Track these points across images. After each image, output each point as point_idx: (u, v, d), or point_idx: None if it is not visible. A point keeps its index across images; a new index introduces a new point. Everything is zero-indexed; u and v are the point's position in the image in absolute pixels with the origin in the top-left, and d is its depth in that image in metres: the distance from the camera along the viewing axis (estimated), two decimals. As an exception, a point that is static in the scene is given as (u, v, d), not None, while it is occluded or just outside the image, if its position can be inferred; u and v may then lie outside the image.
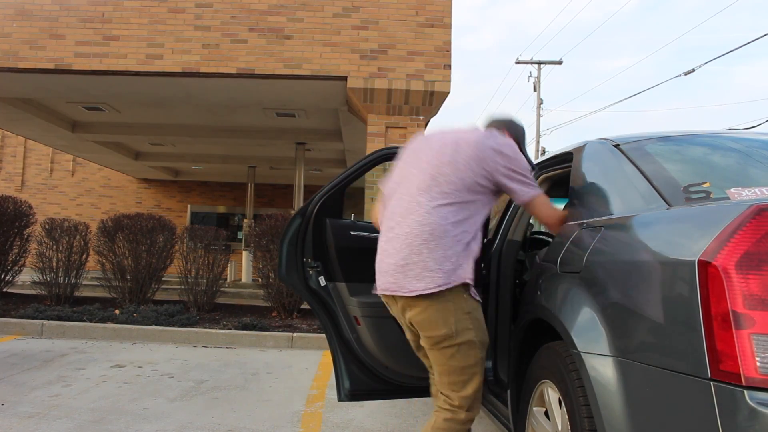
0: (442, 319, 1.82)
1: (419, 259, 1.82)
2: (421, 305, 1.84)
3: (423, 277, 1.81)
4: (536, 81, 22.72)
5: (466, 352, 1.85)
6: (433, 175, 1.90)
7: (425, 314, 1.84)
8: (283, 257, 2.52)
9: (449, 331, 1.82)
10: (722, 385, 1.09)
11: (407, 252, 1.84)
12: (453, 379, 1.87)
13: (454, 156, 1.90)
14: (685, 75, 12.98)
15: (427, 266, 1.81)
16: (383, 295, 2.00)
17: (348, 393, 2.55)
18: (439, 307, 1.82)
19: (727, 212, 1.22)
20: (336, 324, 2.56)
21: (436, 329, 1.83)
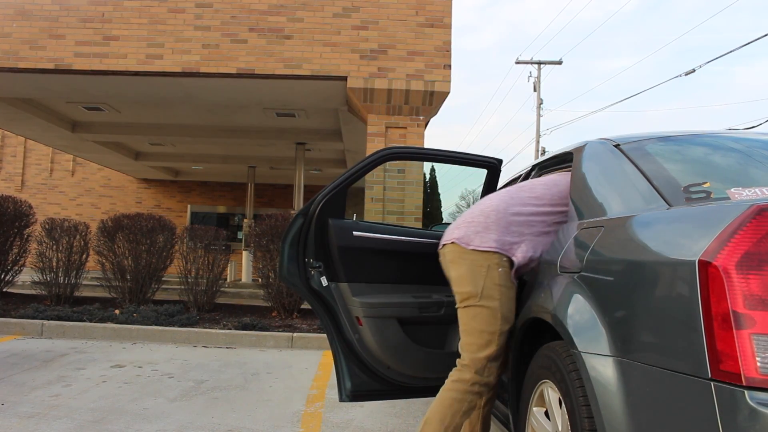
0: (469, 277, 2.02)
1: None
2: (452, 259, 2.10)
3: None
4: (536, 81, 22.72)
5: (487, 317, 2.00)
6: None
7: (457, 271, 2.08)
8: (285, 257, 2.52)
9: (473, 290, 2.00)
10: (723, 385, 1.09)
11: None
12: (470, 340, 2.02)
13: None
14: (685, 75, 12.99)
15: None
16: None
17: (349, 393, 2.55)
18: (473, 268, 2.02)
19: (727, 212, 1.22)
20: (337, 324, 2.56)
21: (463, 284, 2.03)
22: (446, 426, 1.98)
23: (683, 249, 1.26)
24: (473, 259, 2.04)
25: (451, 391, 2.01)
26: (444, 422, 1.98)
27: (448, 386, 2.03)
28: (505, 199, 2.15)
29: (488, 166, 2.94)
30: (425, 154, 2.95)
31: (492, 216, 2.10)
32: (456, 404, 2.00)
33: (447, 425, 1.98)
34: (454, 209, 33.99)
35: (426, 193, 19.88)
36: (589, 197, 1.95)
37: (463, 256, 2.06)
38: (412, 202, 6.48)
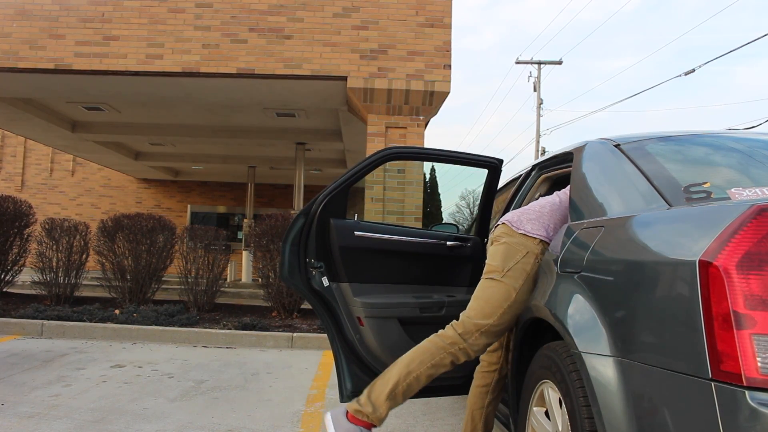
0: (503, 254, 2.02)
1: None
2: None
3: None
4: (536, 81, 22.73)
5: (500, 293, 1.98)
6: None
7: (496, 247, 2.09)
8: (286, 257, 2.51)
9: (500, 266, 2.00)
10: (723, 385, 1.09)
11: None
12: (473, 305, 2.02)
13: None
14: (685, 75, 12.99)
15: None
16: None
17: (350, 394, 2.55)
18: (510, 248, 2.02)
19: (727, 212, 1.22)
20: (338, 325, 2.56)
21: (495, 258, 2.04)
22: (410, 371, 1.99)
23: (684, 249, 1.26)
24: (517, 241, 2.03)
25: (429, 342, 2.03)
26: (409, 366, 2.00)
27: (431, 338, 2.04)
28: (563, 198, 2.19)
29: (489, 166, 2.94)
30: (425, 154, 2.95)
31: (547, 207, 2.12)
32: (427, 354, 2.00)
33: (411, 370, 1.99)
34: (454, 209, 33.99)
35: (426, 193, 19.88)
36: (589, 197, 1.95)
37: (508, 237, 2.06)
38: (412, 202, 6.48)
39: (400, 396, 2.00)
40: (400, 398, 2.00)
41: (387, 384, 2.00)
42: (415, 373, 1.99)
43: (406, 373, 1.99)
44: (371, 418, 1.99)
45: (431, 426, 3.20)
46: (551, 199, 2.19)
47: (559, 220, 2.11)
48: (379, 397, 2.00)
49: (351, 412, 2.02)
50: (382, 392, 2.00)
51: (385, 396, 1.99)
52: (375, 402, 2.00)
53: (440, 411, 3.50)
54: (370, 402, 2.00)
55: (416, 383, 2.00)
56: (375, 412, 1.99)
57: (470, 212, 33.32)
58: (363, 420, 2.00)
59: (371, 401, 2.01)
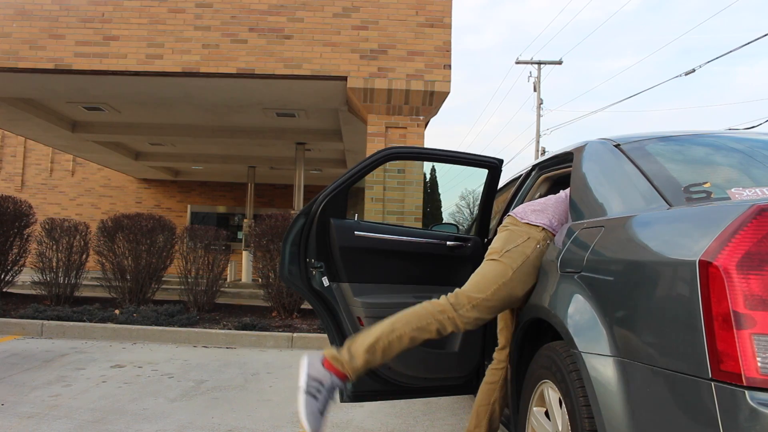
0: (505, 238, 2.08)
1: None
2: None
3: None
4: (536, 81, 22.73)
5: (497, 271, 2.01)
6: None
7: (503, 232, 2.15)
8: (286, 257, 2.51)
9: (500, 247, 2.05)
10: (723, 385, 1.09)
11: None
12: (471, 279, 2.05)
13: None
14: (685, 75, 12.99)
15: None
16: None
17: (350, 394, 2.55)
18: (514, 234, 2.08)
19: (727, 212, 1.22)
20: (338, 325, 2.56)
21: (496, 242, 2.10)
22: (394, 329, 1.98)
23: (684, 249, 1.26)
24: (520, 228, 2.09)
25: (420, 306, 2.03)
26: (394, 324, 1.99)
27: (422, 303, 2.05)
28: (568, 194, 2.24)
29: (489, 166, 2.94)
30: (426, 154, 2.95)
31: (551, 200, 2.19)
32: (414, 316, 1.99)
33: (395, 328, 1.98)
34: (454, 209, 33.97)
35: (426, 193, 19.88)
36: (589, 197, 1.95)
37: (513, 226, 2.12)
38: (412, 202, 6.48)
39: (379, 352, 1.96)
40: (379, 355, 1.96)
41: (368, 337, 1.97)
42: (398, 331, 1.97)
43: (390, 330, 1.97)
44: (346, 368, 1.95)
45: (431, 426, 3.20)
46: (557, 195, 2.25)
47: (564, 213, 2.15)
48: (358, 348, 1.96)
49: (327, 358, 1.97)
50: (362, 344, 1.97)
51: (365, 348, 1.95)
52: (353, 352, 1.96)
53: (440, 411, 3.50)
54: (349, 352, 1.97)
55: (398, 342, 1.97)
56: (351, 362, 1.95)
57: (470, 212, 33.34)
58: (337, 368, 1.96)
59: (350, 351, 1.97)
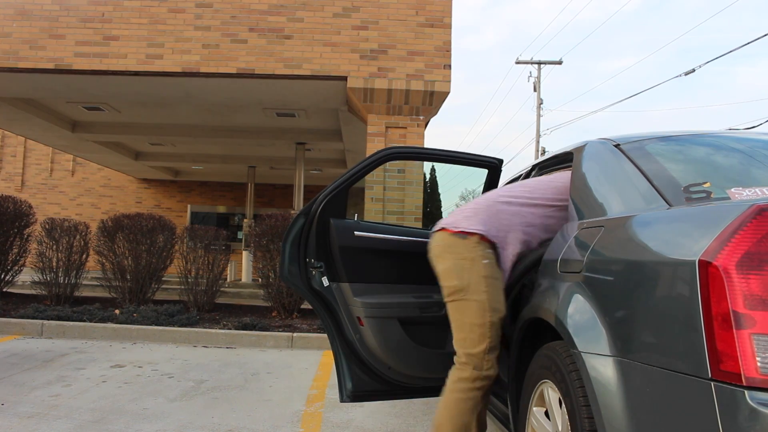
0: (455, 272, 2.02)
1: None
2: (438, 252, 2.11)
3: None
4: (536, 81, 22.72)
5: (476, 311, 1.99)
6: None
7: (443, 265, 2.07)
8: (286, 257, 2.52)
9: (458, 285, 2.00)
10: (723, 385, 1.09)
11: None
12: (462, 335, 2.02)
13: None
14: (685, 75, 12.99)
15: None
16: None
17: (350, 394, 2.55)
18: (458, 262, 2.02)
19: (727, 212, 1.22)
20: (338, 325, 2.56)
21: (450, 278, 2.03)
22: (458, 427, 1.98)
23: (683, 249, 1.26)
24: (459, 251, 2.04)
25: (455, 392, 2.00)
26: (455, 424, 1.98)
27: (451, 387, 2.02)
28: (496, 191, 2.23)
29: (489, 166, 2.94)
30: (426, 154, 2.95)
31: (482, 203, 2.16)
32: (462, 404, 2.00)
33: (458, 426, 1.98)
34: (454, 209, 33.98)
35: (426, 193, 19.87)
36: (589, 197, 1.95)
37: (448, 249, 2.07)
38: (412, 202, 6.48)
39: None
40: None
41: None
42: (463, 426, 1.98)
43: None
44: None
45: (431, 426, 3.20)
46: (486, 194, 2.24)
47: (500, 212, 2.11)
48: None
49: None
50: None
51: None
52: None
53: (440, 411, 3.50)
54: None
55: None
56: None
57: (470, 212, 33.23)
58: None
59: None
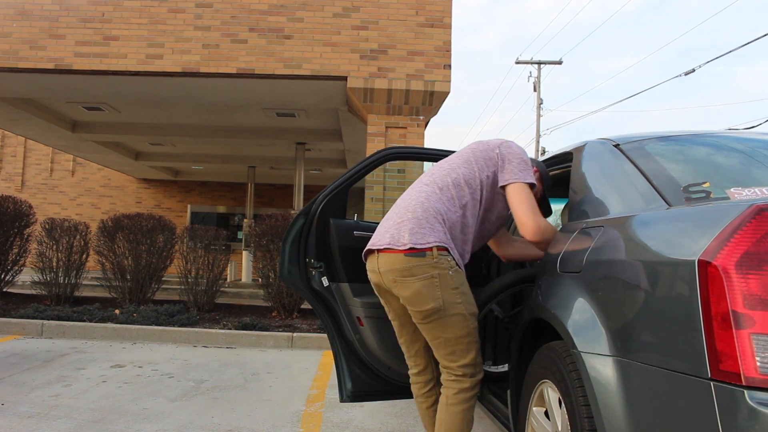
0: (426, 293, 1.90)
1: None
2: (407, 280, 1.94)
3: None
4: (536, 81, 22.72)
5: (459, 323, 1.95)
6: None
7: (412, 290, 1.92)
8: (286, 257, 2.52)
9: (437, 305, 1.90)
10: (722, 384, 1.09)
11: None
12: (449, 350, 1.97)
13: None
14: (685, 75, 12.99)
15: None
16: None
17: (350, 394, 2.55)
18: (425, 283, 1.90)
19: (727, 212, 1.22)
20: (338, 325, 2.56)
21: (423, 304, 1.90)
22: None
23: (683, 249, 1.26)
24: (423, 270, 1.88)
25: (458, 404, 1.99)
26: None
27: (454, 400, 1.99)
28: (413, 191, 2.07)
29: None
30: (426, 154, 2.95)
31: (416, 210, 1.97)
32: (468, 413, 2.01)
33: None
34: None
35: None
36: (588, 197, 1.95)
37: (409, 272, 1.89)
38: (412, 202, 6.46)
39: None
40: None
41: None
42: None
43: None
44: None
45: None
46: (413, 198, 2.02)
47: (437, 214, 1.95)
48: None
49: None
50: None
51: None
52: None
53: (440, 411, 3.50)
54: None
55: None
56: None
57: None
58: None
59: None
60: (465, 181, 2.04)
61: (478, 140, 2.23)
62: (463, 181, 2.03)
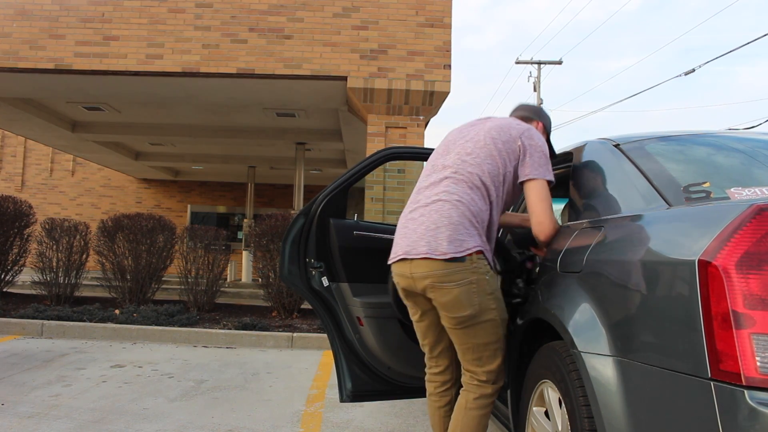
0: (467, 299, 1.86)
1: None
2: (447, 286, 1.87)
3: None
4: (536, 81, 22.72)
5: (491, 329, 1.93)
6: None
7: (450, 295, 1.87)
8: (286, 257, 2.52)
9: (473, 311, 1.87)
10: (722, 384, 1.09)
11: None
12: (477, 355, 1.95)
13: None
14: (685, 75, 12.98)
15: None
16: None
17: (350, 394, 2.55)
18: (464, 290, 1.85)
19: (727, 212, 1.22)
20: (338, 324, 2.56)
21: (461, 310, 1.86)
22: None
23: (683, 249, 1.26)
24: (462, 276, 1.83)
25: (478, 409, 1.97)
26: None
27: (473, 405, 1.96)
28: (453, 192, 1.93)
29: None
30: (426, 154, 2.95)
31: (454, 216, 1.87)
32: (485, 418, 1.99)
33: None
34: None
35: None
36: (588, 197, 1.95)
37: (447, 278, 1.83)
38: (412, 202, 6.46)
39: None
40: None
41: None
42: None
43: None
44: None
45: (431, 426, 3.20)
46: (453, 203, 1.89)
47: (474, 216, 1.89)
48: None
49: None
50: None
51: None
52: None
53: (440, 411, 3.49)
54: None
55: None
56: None
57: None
58: None
59: None
60: (491, 178, 1.95)
61: (491, 120, 2.09)
62: (489, 179, 1.95)
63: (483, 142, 2.00)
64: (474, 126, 2.11)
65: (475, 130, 2.07)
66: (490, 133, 2.02)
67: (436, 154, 2.12)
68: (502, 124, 2.06)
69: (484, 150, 1.98)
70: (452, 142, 2.08)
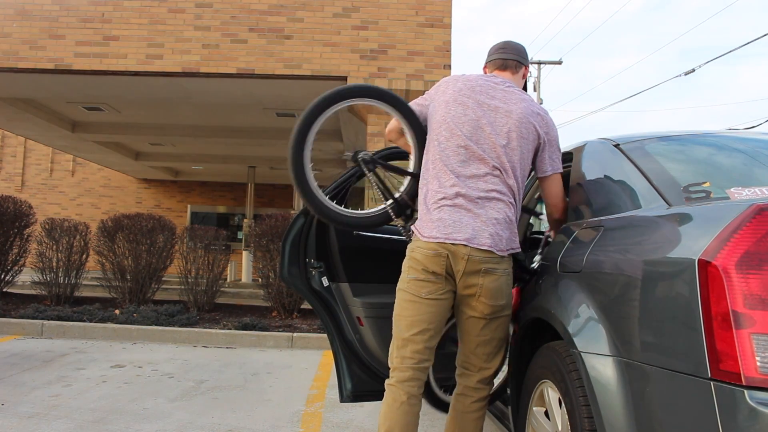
0: (507, 288, 1.94)
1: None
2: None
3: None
4: (536, 81, 22.73)
5: (506, 325, 2.01)
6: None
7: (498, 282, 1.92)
8: (286, 257, 2.51)
9: (507, 302, 1.95)
10: (722, 384, 1.09)
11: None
12: (489, 350, 2.00)
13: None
14: (685, 75, 12.99)
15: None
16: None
17: (350, 394, 2.55)
18: (507, 279, 1.93)
19: (727, 212, 1.22)
20: (338, 325, 2.56)
21: (500, 298, 1.92)
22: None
23: (683, 249, 1.26)
24: (504, 267, 1.90)
25: (476, 411, 2.02)
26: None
27: (472, 408, 2.02)
28: (506, 187, 1.95)
29: None
30: None
31: (510, 214, 1.94)
32: (483, 418, 2.05)
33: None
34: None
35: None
36: (588, 197, 1.95)
37: (498, 266, 1.88)
38: (412, 202, 6.46)
39: None
40: None
41: None
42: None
43: None
44: None
45: (431, 426, 3.20)
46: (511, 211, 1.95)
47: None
48: None
49: None
50: None
51: None
52: None
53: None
54: None
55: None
56: None
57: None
58: None
59: None
60: (521, 173, 1.99)
61: (512, 104, 1.99)
62: (521, 181, 2.00)
63: (516, 143, 1.96)
64: (496, 111, 1.98)
65: (502, 119, 1.97)
66: (519, 132, 1.96)
67: (459, 122, 1.97)
68: (523, 114, 1.97)
69: (517, 153, 1.96)
70: (476, 122, 1.96)
